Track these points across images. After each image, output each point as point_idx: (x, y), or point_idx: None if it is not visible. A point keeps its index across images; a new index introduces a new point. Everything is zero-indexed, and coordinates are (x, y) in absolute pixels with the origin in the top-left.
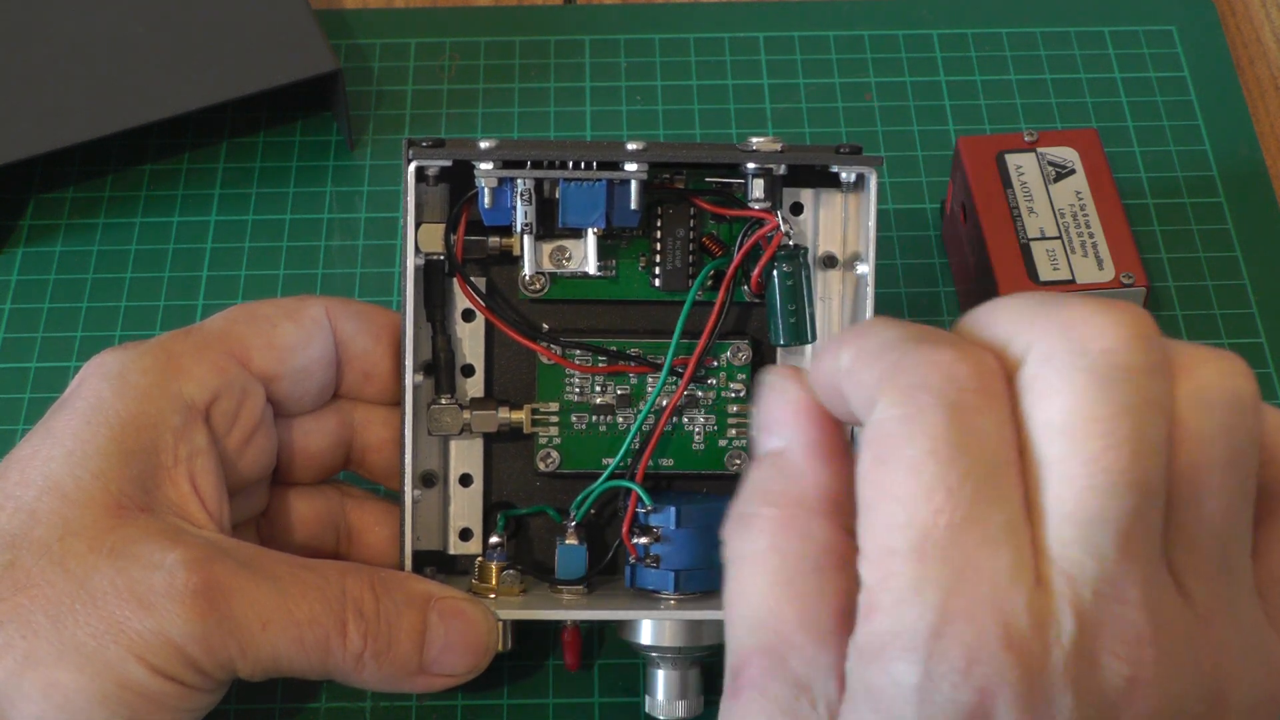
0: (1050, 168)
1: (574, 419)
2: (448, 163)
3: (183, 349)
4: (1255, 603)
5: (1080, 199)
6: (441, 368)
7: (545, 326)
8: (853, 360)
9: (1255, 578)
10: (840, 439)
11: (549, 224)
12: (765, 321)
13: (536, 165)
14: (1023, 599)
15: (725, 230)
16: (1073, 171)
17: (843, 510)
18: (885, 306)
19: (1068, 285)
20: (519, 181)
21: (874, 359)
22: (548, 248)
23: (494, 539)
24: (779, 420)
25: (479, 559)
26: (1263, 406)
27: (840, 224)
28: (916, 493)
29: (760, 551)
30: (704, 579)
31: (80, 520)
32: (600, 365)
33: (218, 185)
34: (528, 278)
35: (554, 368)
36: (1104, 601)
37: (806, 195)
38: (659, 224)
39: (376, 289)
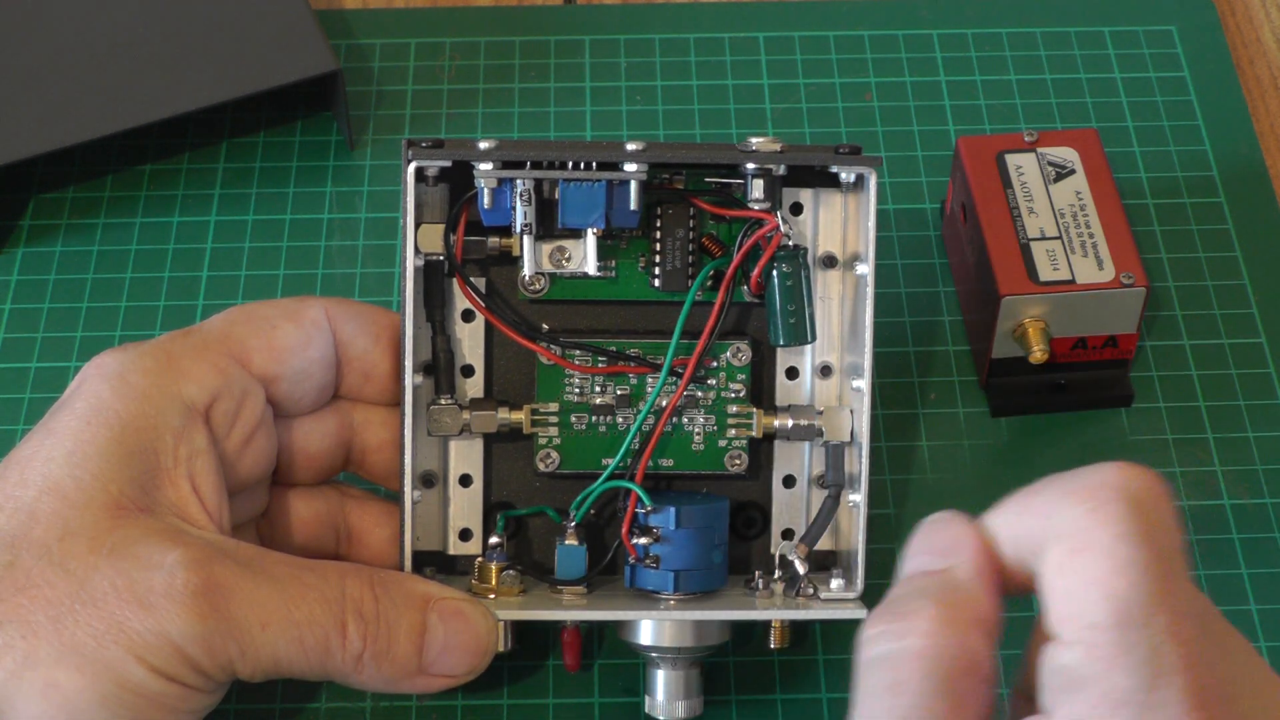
0: (1050, 168)
1: (574, 419)
2: (447, 163)
3: (182, 350)
4: None
5: (1080, 199)
6: (441, 368)
7: (545, 327)
8: (1023, 500)
9: None
10: (998, 579)
11: (548, 224)
12: (765, 322)
13: (536, 166)
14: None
15: (725, 230)
16: (1073, 171)
17: (992, 637)
18: (885, 306)
19: (1068, 285)
20: (518, 182)
21: (1045, 488)
22: (547, 248)
23: (494, 539)
24: (948, 546)
25: (479, 559)
26: None
27: (840, 224)
28: (1113, 571)
29: (920, 648)
30: (703, 579)
31: (80, 521)
32: (600, 365)
33: (218, 185)
34: (527, 278)
35: (554, 368)
36: None
37: (806, 195)
38: (658, 224)
39: (376, 289)
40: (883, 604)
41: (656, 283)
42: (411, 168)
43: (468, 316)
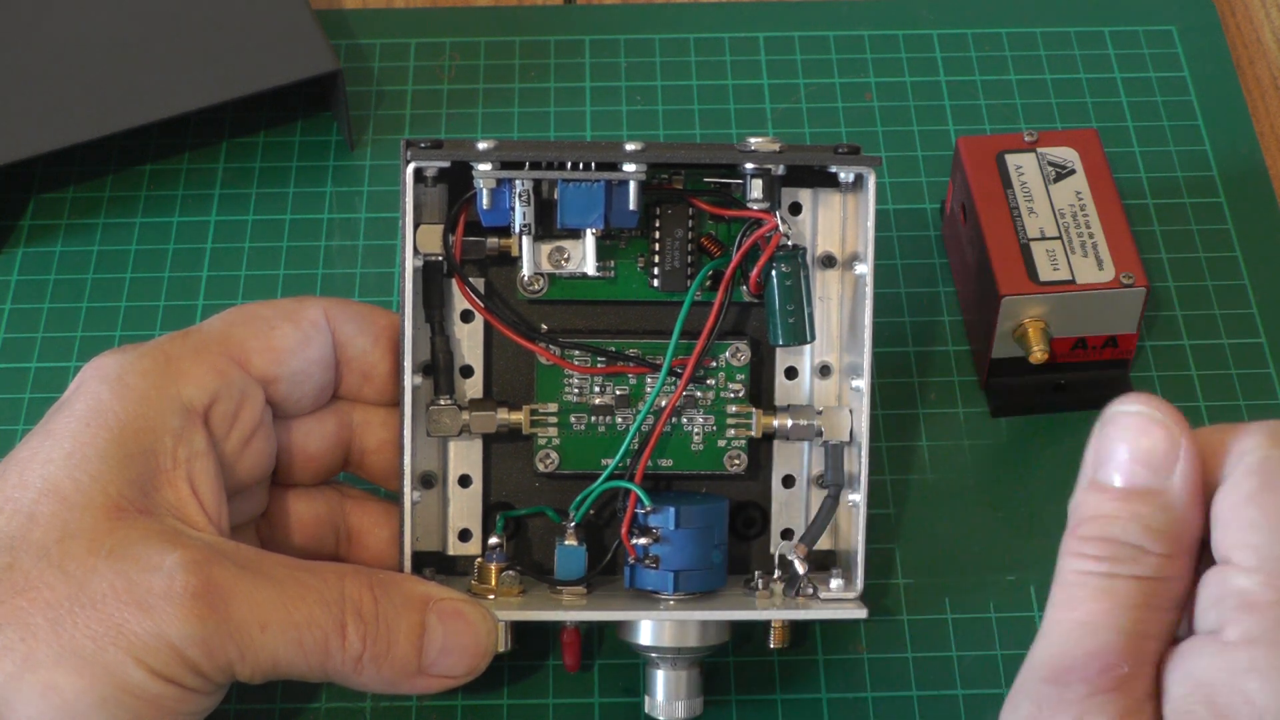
0: (1050, 168)
1: (573, 419)
2: (446, 163)
3: (181, 351)
4: None
5: (1080, 199)
6: (440, 369)
7: (544, 327)
8: (1217, 428)
9: None
10: (1204, 496)
11: (547, 225)
12: (764, 321)
13: (535, 166)
14: None
15: (724, 230)
16: (1073, 171)
17: (1197, 554)
18: (885, 306)
19: (1068, 285)
20: (517, 182)
21: (1236, 426)
22: (546, 248)
23: (493, 540)
24: (1166, 457)
25: (478, 560)
26: None
27: (839, 224)
28: None
29: (1144, 578)
30: (703, 579)
31: (79, 522)
32: (599, 366)
33: (218, 185)
34: (526, 278)
35: (553, 368)
36: None
37: (805, 195)
38: (657, 224)
39: (376, 289)
40: (1096, 523)
41: (655, 283)
42: (410, 168)
43: (467, 317)
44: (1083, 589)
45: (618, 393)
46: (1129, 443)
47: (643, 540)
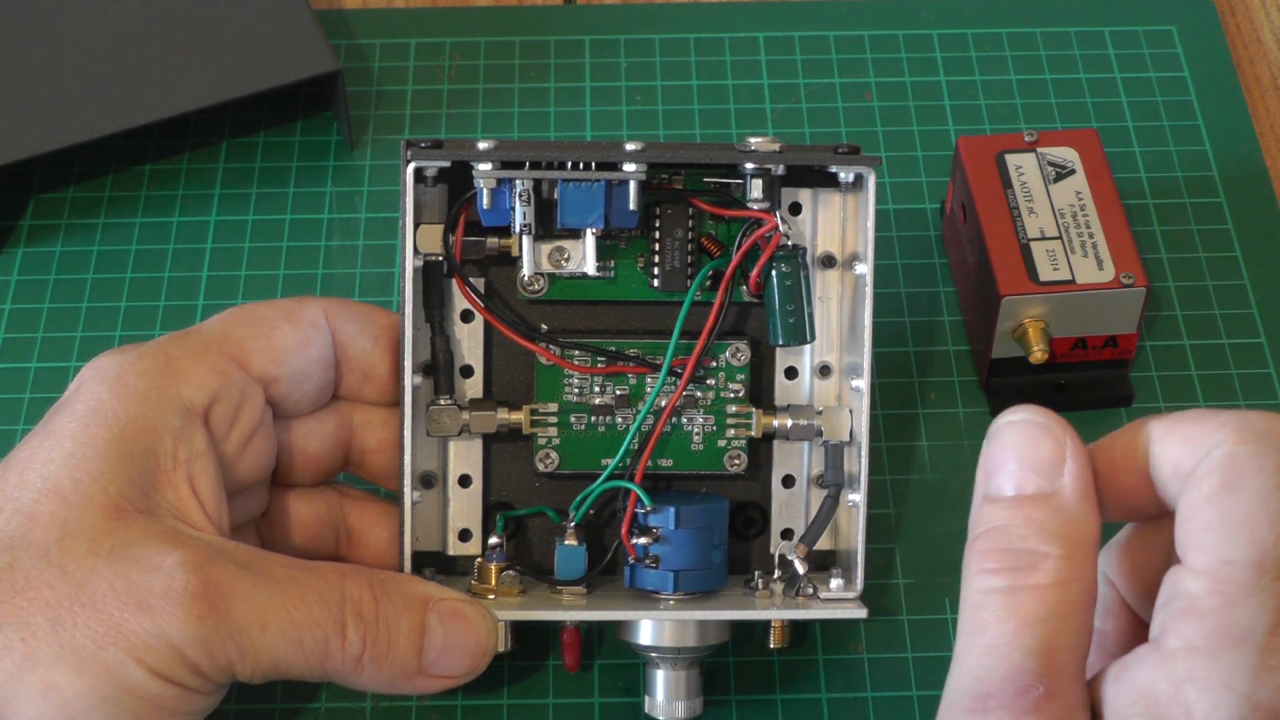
0: (1050, 168)
1: (573, 419)
2: (446, 163)
3: (181, 351)
4: None
5: (1080, 199)
6: (440, 369)
7: (544, 327)
8: (1176, 422)
9: None
10: (1096, 494)
11: (547, 225)
12: (764, 321)
13: (535, 166)
14: None
15: (724, 230)
16: (1073, 171)
17: (1096, 557)
18: (885, 306)
19: (1067, 285)
20: (517, 182)
21: (1211, 416)
22: (546, 248)
23: (493, 540)
24: (1053, 461)
25: (478, 560)
26: None
27: (839, 224)
28: (1264, 518)
29: (1044, 586)
30: (703, 579)
31: (79, 522)
32: (599, 366)
33: (218, 185)
34: (526, 278)
35: (553, 368)
36: None
37: (805, 195)
38: (657, 224)
39: (376, 289)
40: (992, 535)
41: (655, 283)
42: (410, 168)
43: (467, 317)
44: (987, 611)
45: (618, 393)
46: (1016, 451)
47: (643, 540)
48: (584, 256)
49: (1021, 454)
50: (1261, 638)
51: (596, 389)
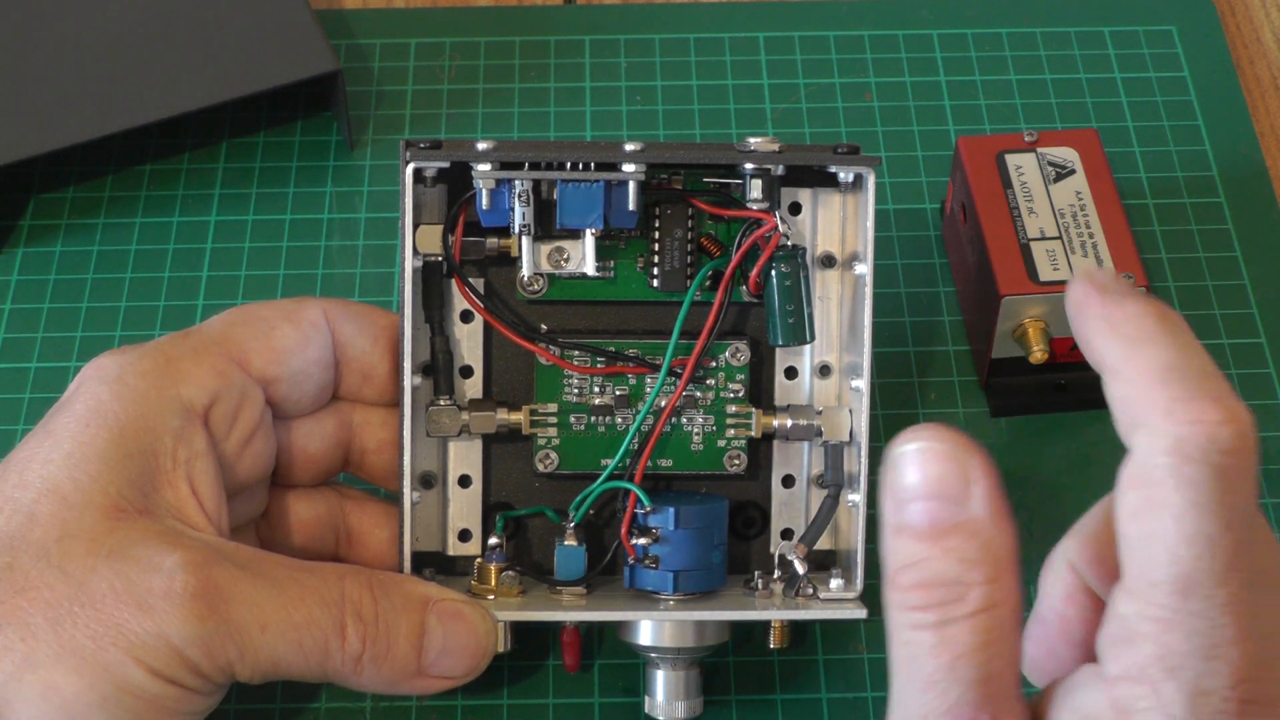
0: (1050, 168)
1: (573, 420)
2: (445, 164)
3: (181, 352)
4: None
5: (1080, 199)
6: (440, 369)
7: (543, 327)
8: (1128, 355)
9: None
10: (1004, 497)
11: (547, 225)
12: (764, 321)
13: (534, 166)
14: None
15: (723, 230)
16: (1073, 171)
17: (1017, 568)
18: (885, 306)
19: (1067, 285)
20: (517, 183)
21: (1151, 379)
22: (546, 249)
23: (493, 540)
24: (959, 485)
25: (478, 560)
26: None
27: (839, 224)
28: (1181, 539)
29: (973, 615)
30: (703, 579)
31: (79, 523)
32: (599, 366)
33: (218, 185)
34: (526, 279)
35: (552, 369)
36: None
37: (805, 195)
38: (657, 224)
39: (376, 289)
40: (912, 569)
41: (655, 283)
42: (409, 169)
43: (466, 317)
44: (919, 648)
45: (617, 393)
46: (919, 480)
47: (642, 540)
48: (583, 257)
49: (927, 482)
50: (1197, 664)
51: (596, 389)
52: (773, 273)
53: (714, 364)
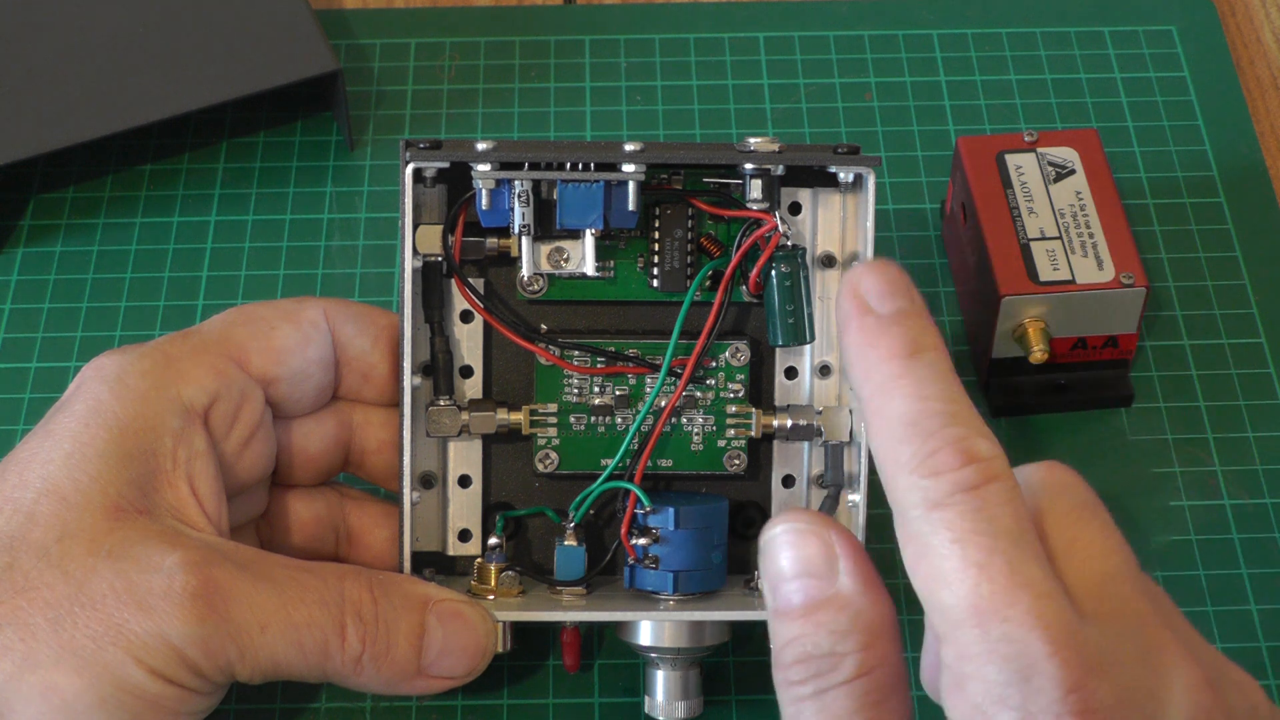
0: (1050, 168)
1: (572, 420)
2: (445, 164)
3: (181, 352)
4: None
5: (1080, 199)
6: (440, 369)
7: (543, 327)
8: (875, 407)
9: None
10: (874, 568)
11: (547, 225)
12: (764, 321)
13: (534, 166)
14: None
15: (723, 230)
16: (1073, 171)
17: (896, 633)
18: None
19: (1067, 285)
20: (516, 183)
21: (894, 438)
22: (545, 249)
23: (493, 540)
24: (826, 561)
25: (478, 560)
26: None
27: (839, 224)
28: (953, 574)
29: (850, 682)
30: (703, 580)
31: (79, 523)
32: (599, 366)
33: (218, 185)
34: (526, 279)
35: (552, 369)
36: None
37: (804, 195)
38: (657, 224)
39: (376, 289)
40: (791, 647)
41: (655, 283)
42: (409, 169)
43: (466, 317)
44: (802, 716)
45: (617, 393)
46: (789, 562)
47: (642, 540)
48: (583, 257)
49: (795, 564)
50: (1020, 688)
51: (596, 389)
52: (772, 273)
53: (714, 364)
